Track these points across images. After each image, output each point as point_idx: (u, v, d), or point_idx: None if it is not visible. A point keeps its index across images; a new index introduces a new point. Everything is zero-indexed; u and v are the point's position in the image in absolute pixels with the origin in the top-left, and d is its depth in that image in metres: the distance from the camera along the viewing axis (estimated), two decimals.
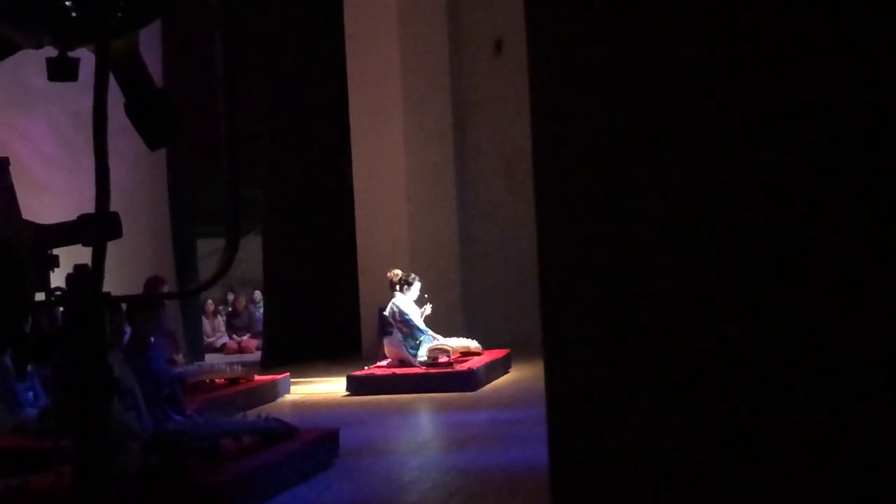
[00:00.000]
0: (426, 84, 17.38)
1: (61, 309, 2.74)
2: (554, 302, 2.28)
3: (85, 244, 2.78)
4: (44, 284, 2.73)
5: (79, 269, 2.71)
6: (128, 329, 8.39)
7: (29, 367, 8.99)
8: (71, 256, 2.83)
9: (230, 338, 22.34)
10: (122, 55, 2.77)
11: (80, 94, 13.74)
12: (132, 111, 2.81)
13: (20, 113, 14.13)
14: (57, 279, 2.81)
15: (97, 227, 2.65)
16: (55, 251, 2.82)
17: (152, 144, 2.91)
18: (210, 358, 18.38)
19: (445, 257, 17.16)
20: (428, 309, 13.79)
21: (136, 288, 11.57)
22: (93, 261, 2.68)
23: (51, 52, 3.09)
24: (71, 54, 2.85)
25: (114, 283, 3.32)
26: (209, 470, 7.22)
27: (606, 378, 2.16)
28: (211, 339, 21.73)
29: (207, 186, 18.13)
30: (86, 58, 3.00)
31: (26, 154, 13.62)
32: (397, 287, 13.62)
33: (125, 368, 7.38)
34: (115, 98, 2.90)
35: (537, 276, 2.36)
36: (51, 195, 12.80)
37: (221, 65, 2.89)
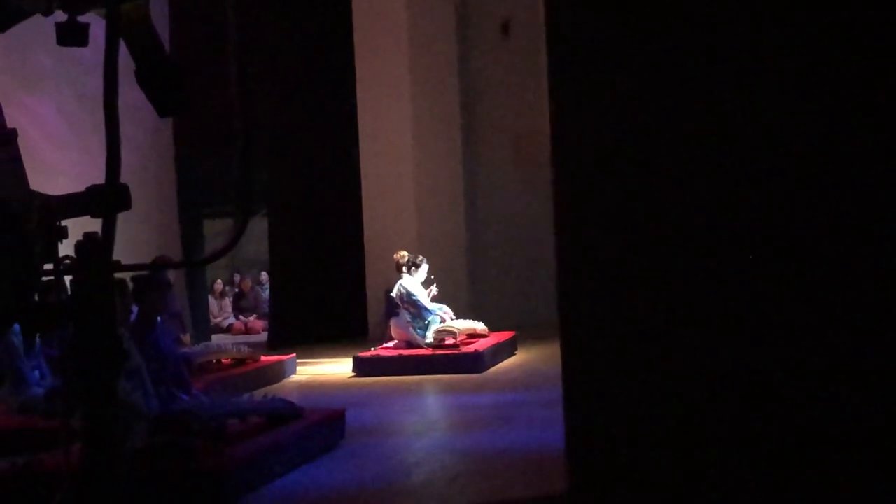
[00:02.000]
0: (434, 66, 17.34)
1: (69, 280, 2.74)
2: (570, 285, 2.29)
3: (93, 215, 2.78)
4: (52, 255, 2.73)
5: (88, 236, 2.71)
6: (134, 309, 8.41)
7: (36, 347, 8.98)
8: (79, 228, 2.83)
9: (236, 319, 22.37)
10: (132, 20, 2.75)
11: (87, 74, 13.71)
12: (142, 77, 2.80)
13: (28, 93, 14.13)
14: (64, 251, 2.80)
15: (108, 191, 2.65)
16: (63, 222, 2.81)
17: (162, 111, 2.90)
18: (216, 338, 18.42)
19: (452, 239, 17.15)
20: (434, 290, 13.79)
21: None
22: (103, 229, 2.68)
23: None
24: (80, 19, 2.84)
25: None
26: (215, 450, 7.23)
27: (622, 358, 2.17)
28: (217, 320, 21.77)
29: (214, 167, 18.14)
30: (95, 36, 2.99)
31: (34, 134, 13.63)
32: (405, 269, 13.61)
33: (132, 348, 7.38)
34: (123, 76, 2.88)
35: (545, 258, 2.36)
36: (58, 175, 12.78)
37: (234, 35, 2.88)
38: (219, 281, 22.72)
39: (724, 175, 2.09)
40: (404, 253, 13.85)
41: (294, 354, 13.96)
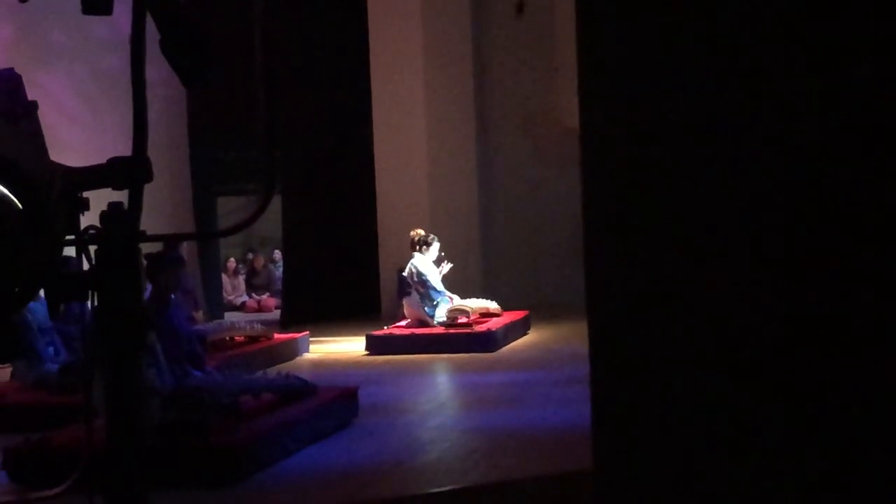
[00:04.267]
0: (448, 45, 17.30)
1: (94, 250, 2.75)
2: (598, 260, 2.27)
3: (115, 187, 2.78)
4: (74, 227, 2.73)
5: (113, 206, 2.71)
6: (148, 286, 8.42)
7: (50, 324, 8.99)
8: (100, 200, 2.83)
9: (249, 296, 22.40)
10: None
11: (102, 51, 13.66)
12: (167, 46, 2.78)
13: (42, 70, 14.14)
14: (84, 223, 2.81)
15: (136, 161, 2.65)
16: (85, 194, 2.81)
17: (188, 81, 2.88)
18: (229, 316, 18.45)
19: (465, 218, 17.14)
20: (446, 267, 13.78)
21: (154, 246, 11.59)
22: (130, 198, 2.68)
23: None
24: None
25: None
26: (228, 427, 7.26)
27: (650, 338, 2.15)
28: (230, 298, 21.80)
29: (228, 144, 18.14)
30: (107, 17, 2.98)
31: (48, 111, 13.51)
32: (417, 247, 13.61)
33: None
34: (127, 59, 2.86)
35: (558, 237, 2.35)
36: (72, 152, 12.76)
37: (261, 11, 2.87)
38: (232, 259, 22.76)
39: (762, 158, 2.07)
40: (420, 231, 13.84)
41: (307, 332, 13.97)
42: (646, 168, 2.20)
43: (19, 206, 2.44)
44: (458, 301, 13.57)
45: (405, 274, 13.65)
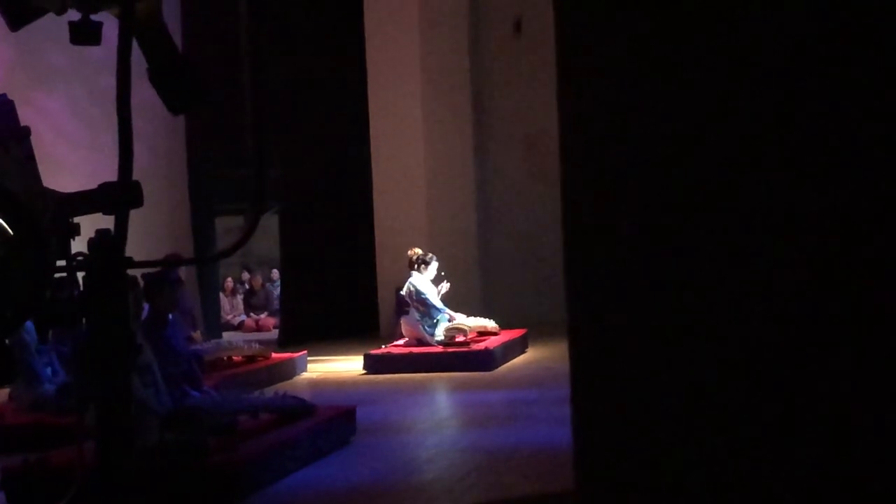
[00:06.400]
0: (446, 64, 17.35)
1: (82, 276, 2.76)
2: (578, 284, 2.28)
3: (106, 212, 2.80)
4: (65, 252, 2.75)
5: (101, 233, 2.72)
6: (146, 306, 8.43)
7: (48, 344, 8.99)
8: (91, 225, 2.84)
9: (248, 316, 22.39)
10: (144, 18, 2.77)
11: (99, 72, 13.69)
12: (155, 75, 2.81)
13: (40, 91, 14.17)
14: (76, 248, 2.83)
15: (120, 188, 2.67)
16: (76, 220, 2.83)
17: (175, 109, 2.90)
18: (228, 336, 18.45)
19: (463, 237, 17.16)
20: (445, 287, 13.78)
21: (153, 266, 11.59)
22: (116, 225, 2.69)
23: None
24: (94, 17, 2.85)
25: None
26: (226, 446, 7.25)
27: (630, 362, 2.16)
28: (229, 317, 21.79)
29: (226, 164, 18.16)
30: (107, 34, 3.00)
31: (46, 132, 13.66)
32: (415, 266, 13.62)
33: (144, 344, 7.40)
34: (136, 73, 2.89)
35: (556, 256, 2.37)
36: (70, 173, 12.82)
37: (248, 33, 2.90)
38: (230, 278, 22.77)
39: (736, 175, 2.08)
40: (417, 250, 13.84)
41: (305, 351, 13.98)
42: (624, 193, 2.21)
43: (11, 232, 2.46)
44: (458, 319, 13.56)
45: (403, 293, 13.65)
